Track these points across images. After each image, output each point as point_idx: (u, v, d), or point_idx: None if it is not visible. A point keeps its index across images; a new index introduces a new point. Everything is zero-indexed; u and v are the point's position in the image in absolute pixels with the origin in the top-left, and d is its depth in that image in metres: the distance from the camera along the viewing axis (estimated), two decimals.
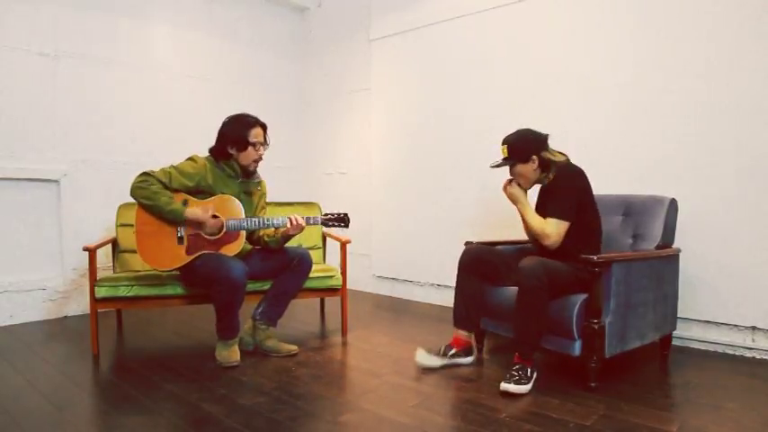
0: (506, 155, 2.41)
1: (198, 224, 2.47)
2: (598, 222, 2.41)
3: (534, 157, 2.37)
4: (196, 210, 2.46)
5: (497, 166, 2.44)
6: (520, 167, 2.40)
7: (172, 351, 2.76)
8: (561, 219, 2.29)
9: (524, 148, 2.38)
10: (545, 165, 2.38)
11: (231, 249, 2.52)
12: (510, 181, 2.47)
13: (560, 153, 2.41)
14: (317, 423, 1.87)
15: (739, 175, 2.63)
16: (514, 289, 2.34)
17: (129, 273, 2.85)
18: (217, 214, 2.50)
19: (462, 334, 2.50)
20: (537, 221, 2.35)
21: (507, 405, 2.00)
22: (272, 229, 2.67)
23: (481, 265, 2.48)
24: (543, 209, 2.39)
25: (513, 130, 2.46)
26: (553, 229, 2.29)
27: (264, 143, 2.64)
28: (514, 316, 2.19)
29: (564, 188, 2.33)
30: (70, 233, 3.55)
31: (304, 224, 2.58)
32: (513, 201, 2.45)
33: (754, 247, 2.59)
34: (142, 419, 1.90)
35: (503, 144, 2.43)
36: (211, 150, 2.63)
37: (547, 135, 2.41)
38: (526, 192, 2.45)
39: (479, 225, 3.68)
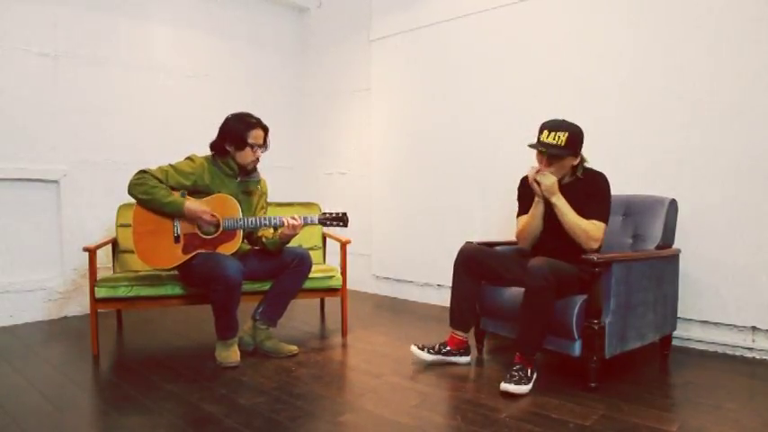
0: (564, 144, 2.23)
1: (195, 218, 2.45)
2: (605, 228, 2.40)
3: (581, 154, 2.32)
4: (195, 204, 2.45)
5: (554, 155, 2.25)
6: (567, 160, 2.30)
7: (172, 351, 2.76)
8: (605, 222, 2.26)
9: (580, 142, 2.29)
10: (580, 164, 2.35)
11: (228, 248, 2.51)
12: (540, 170, 2.30)
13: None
14: (317, 423, 1.87)
15: (739, 175, 2.63)
16: (515, 289, 2.34)
17: (128, 273, 2.86)
18: (214, 214, 2.50)
19: (458, 334, 2.50)
20: (583, 222, 2.23)
21: (507, 405, 2.00)
22: (271, 230, 2.66)
23: (476, 266, 2.46)
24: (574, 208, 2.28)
25: (557, 118, 2.31)
26: (599, 232, 2.23)
27: (263, 146, 2.63)
28: (520, 316, 2.19)
29: (604, 191, 2.30)
30: (70, 233, 3.55)
31: (300, 224, 2.54)
32: (550, 193, 2.26)
33: (754, 247, 2.59)
34: (142, 419, 1.90)
35: (560, 130, 2.24)
36: (211, 145, 2.62)
37: None
38: None
39: (480, 225, 3.68)
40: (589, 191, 2.31)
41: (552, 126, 2.28)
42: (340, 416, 1.93)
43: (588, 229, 2.23)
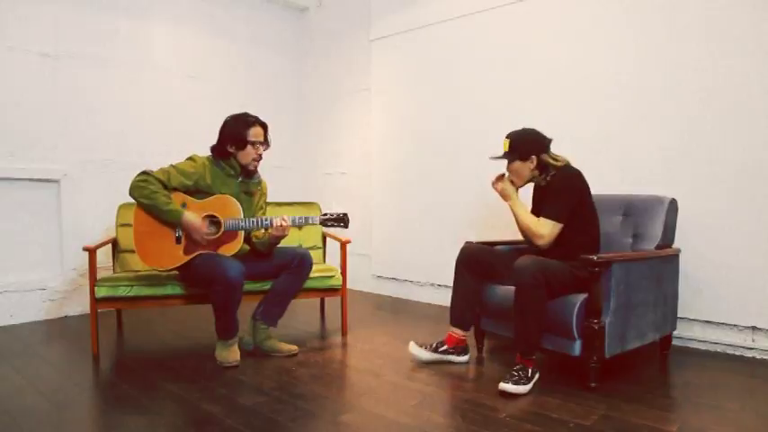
0: (507, 149, 2.42)
1: (189, 231, 2.45)
2: (596, 223, 2.41)
3: (534, 157, 2.39)
4: (194, 217, 2.45)
5: (496, 158, 2.46)
6: (517, 164, 2.42)
7: (172, 351, 2.76)
8: (555, 220, 2.30)
9: (526, 146, 2.40)
10: (543, 167, 2.41)
11: (229, 249, 2.52)
12: (501, 177, 2.50)
13: (561, 158, 2.41)
14: (317, 423, 1.87)
15: (739, 174, 2.62)
16: (512, 288, 2.34)
17: (128, 273, 2.86)
18: (207, 237, 2.48)
19: (456, 332, 2.51)
20: (530, 220, 2.36)
21: (507, 405, 2.00)
22: (262, 230, 2.65)
23: (477, 264, 2.49)
24: (538, 208, 2.41)
25: (520, 128, 2.47)
26: (546, 229, 2.30)
27: (264, 143, 2.64)
28: (513, 315, 2.19)
29: (560, 190, 2.34)
30: (70, 233, 3.55)
31: (288, 225, 2.52)
32: (504, 197, 2.48)
33: (755, 248, 2.59)
34: (142, 419, 1.90)
35: (506, 138, 2.43)
36: (212, 149, 2.63)
37: (550, 139, 2.43)
38: (517, 190, 2.47)
39: (479, 225, 3.68)
40: (550, 191, 2.38)
41: (507, 135, 2.44)
42: (340, 416, 1.93)
43: (531, 226, 2.34)
